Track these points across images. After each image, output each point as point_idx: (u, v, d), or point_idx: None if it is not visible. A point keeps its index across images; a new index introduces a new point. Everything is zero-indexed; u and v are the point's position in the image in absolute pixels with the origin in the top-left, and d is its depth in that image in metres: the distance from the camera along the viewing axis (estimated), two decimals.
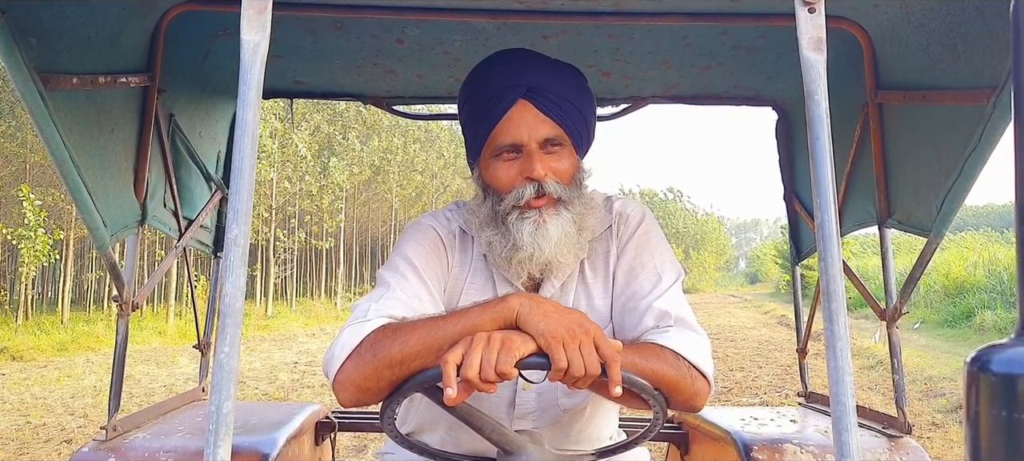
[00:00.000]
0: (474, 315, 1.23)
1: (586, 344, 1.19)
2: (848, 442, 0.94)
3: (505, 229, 1.46)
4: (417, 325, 1.26)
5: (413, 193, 30.19)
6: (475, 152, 1.53)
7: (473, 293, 1.55)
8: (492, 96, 1.46)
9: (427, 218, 1.61)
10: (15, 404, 8.31)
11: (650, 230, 1.59)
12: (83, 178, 1.55)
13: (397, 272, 1.48)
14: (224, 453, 0.90)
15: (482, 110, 1.47)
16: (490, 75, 1.49)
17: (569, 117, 1.46)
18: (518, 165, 1.45)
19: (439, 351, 1.20)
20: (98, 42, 1.62)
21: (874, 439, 1.97)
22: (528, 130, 1.44)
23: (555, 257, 1.46)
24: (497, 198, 1.48)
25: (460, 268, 1.57)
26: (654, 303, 1.46)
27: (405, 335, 1.24)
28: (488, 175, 1.50)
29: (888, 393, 8.17)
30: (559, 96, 1.45)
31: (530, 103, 1.43)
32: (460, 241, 1.59)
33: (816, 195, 1.01)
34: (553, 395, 1.55)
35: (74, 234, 18.33)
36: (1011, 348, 0.76)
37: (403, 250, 1.53)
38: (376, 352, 1.25)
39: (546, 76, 1.46)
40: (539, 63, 1.49)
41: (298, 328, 18.85)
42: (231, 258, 0.95)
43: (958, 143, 1.57)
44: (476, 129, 1.50)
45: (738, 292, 51.72)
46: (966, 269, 17.79)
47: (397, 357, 1.23)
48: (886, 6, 1.73)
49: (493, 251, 1.50)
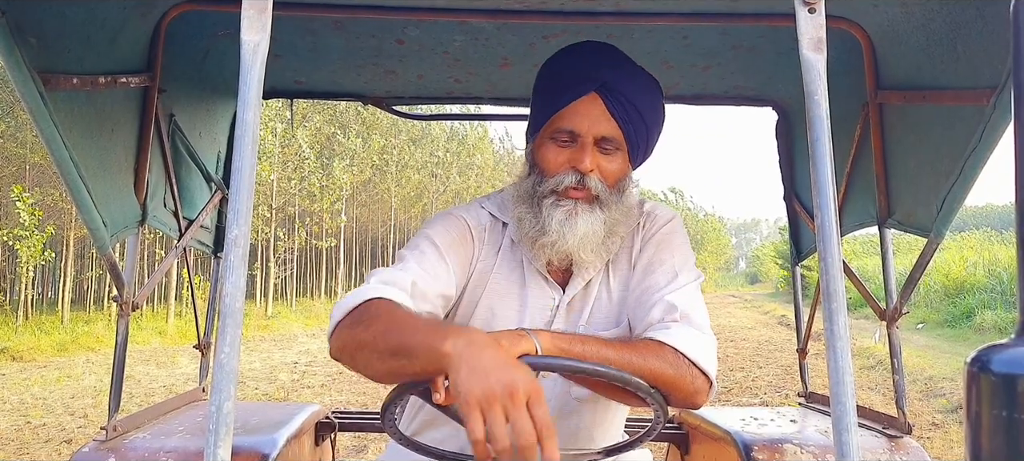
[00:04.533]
0: (410, 337, 1.18)
1: (515, 409, 1.04)
2: (848, 442, 0.94)
3: (537, 210, 1.48)
4: (384, 317, 1.26)
5: (413, 193, 30.19)
6: (535, 128, 1.54)
7: (500, 281, 1.56)
8: (567, 80, 1.47)
9: (458, 208, 1.61)
10: (15, 404, 8.31)
11: (675, 230, 1.60)
12: (83, 178, 1.55)
13: (417, 249, 1.49)
14: (224, 453, 0.90)
15: (553, 91, 1.49)
16: (571, 60, 1.51)
17: (632, 123, 1.47)
18: (569, 153, 1.47)
19: (385, 354, 1.20)
20: (98, 42, 1.62)
21: (874, 439, 1.97)
22: (589, 122, 1.45)
23: (576, 251, 1.47)
24: (540, 178, 1.50)
25: (488, 258, 1.58)
26: (666, 297, 1.46)
27: (375, 323, 1.25)
28: (539, 154, 1.51)
29: (888, 393, 8.17)
30: (629, 100, 1.45)
31: (600, 98, 1.44)
32: (490, 232, 1.59)
33: (816, 195, 1.01)
34: (565, 387, 1.55)
35: (74, 234, 18.32)
36: (1011, 348, 0.77)
37: (426, 231, 1.54)
38: (354, 328, 1.28)
39: (623, 78, 1.47)
40: (620, 63, 1.50)
41: (298, 328, 18.85)
42: (231, 258, 0.95)
43: (958, 143, 1.57)
44: (543, 107, 1.51)
45: (738, 292, 51.76)
46: (966, 269, 17.79)
47: (366, 339, 1.25)
48: (886, 6, 1.73)
49: (521, 227, 1.51)
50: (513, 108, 2.64)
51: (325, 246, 24.85)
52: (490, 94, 2.54)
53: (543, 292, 1.55)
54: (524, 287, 1.56)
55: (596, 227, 1.47)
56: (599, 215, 1.47)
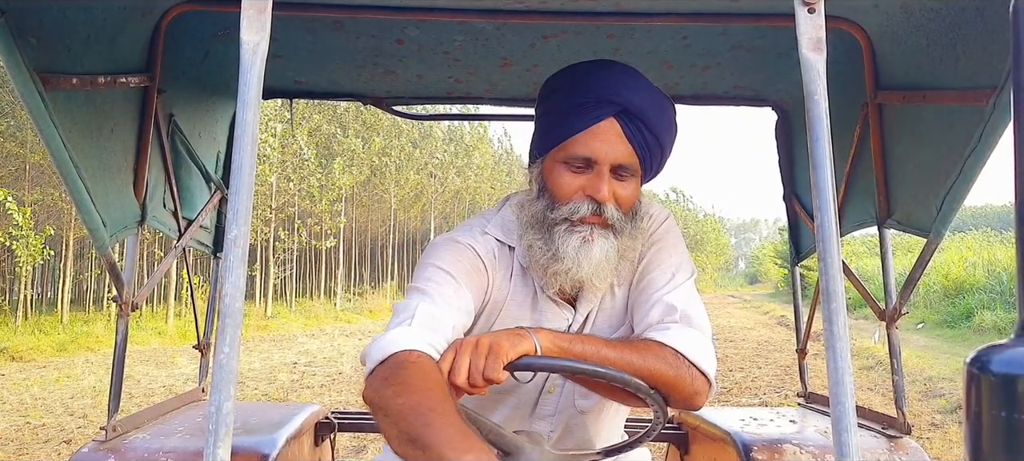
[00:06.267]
0: (433, 435, 1.09)
1: None
2: (848, 442, 0.94)
3: (550, 237, 1.42)
4: (415, 390, 1.16)
5: (412, 193, 30.18)
6: (544, 147, 1.47)
7: (513, 309, 1.52)
8: (584, 102, 1.40)
9: (462, 235, 1.51)
10: (14, 404, 8.31)
11: (670, 230, 1.59)
12: (83, 178, 1.55)
13: (433, 281, 1.40)
14: (224, 453, 0.90)
15: (568, 112, 1.42)
16: (589, 80, 1.43)
17: (649, 148, 1.43)
18: (584, 179, 1.41)
19: (404, 439, 1.12)
20: (98, 42, 1.62)
21: (874, 439, 1.97)
22: (607, 150, 1.39)
23: (590, 279, 1.43)
24: (551, 203, 1.44)
25: (502, 287, 1.52)
26: (664, 297, 1.45)
27: (405, 394, 1.16)
28: (551, 178, 1.44)
29: (888, 393, 8.16)
30: (648, 127, 1.41)
31: (619, 124, 1.39)
32: (499, 259, 1.52)
33: (816, 195, 1.01)
34: (570, 398, 1.56)
35: (73, 234, 18.31)
36: (1011, 348, 0.77)
37: (435, 262, 1.44)
38: (384, 388, 1.20)
39: (642, 102, 1.41)
40: (640, 87, 1.43)
41: (298, 328, 18.84)
42: (231, 258, 0.95)
43: (958, 143, 1.57)
44: (554, 127, 1.44)
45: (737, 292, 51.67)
46: (965, 269, 17.79)
47: (392, 410, 1.16)
48: (886, 6, 1.73)
49: (532, 253, 1.46)
50: (513, 108, 2.64)
51: (325, 247, 24.84)
52: (490, 94, 2.54)
53: (556, 315, 1.53)
54: (536, 311, 1.53)
55: (610, 253, 1.43)
56: (613, 241, 1.43)
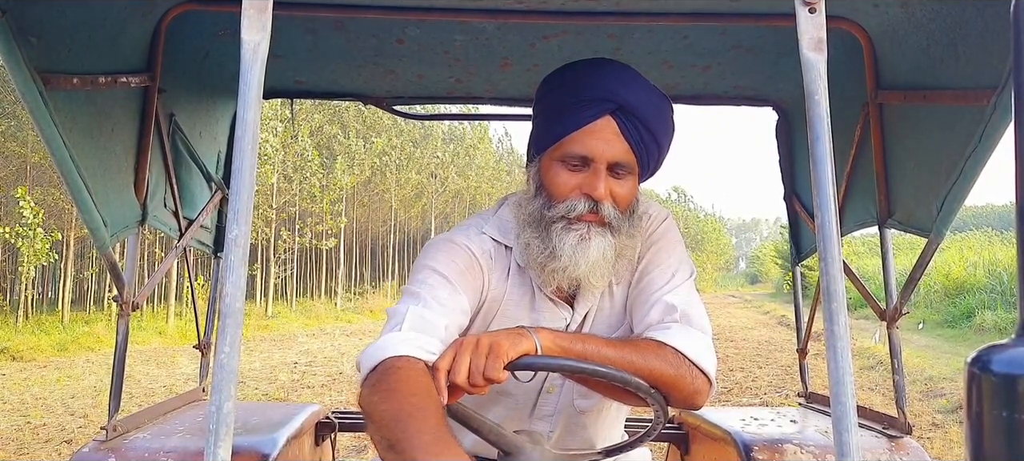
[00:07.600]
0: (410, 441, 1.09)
1: None
2: (848, 442, 0.94)
3: (547, 235, 1.42)
4: (399, 397, 1.17)
5: (413, 193, 30.18)
6: (541, 146, 1.47)
7: (511, 308, 1.52)
8: (580, 100, 1.41)
9: (458, 235, 1.52)
10: (15, 404, 8.31)
11: (669, 229, 1.58)
12: (83, 178, 1.55)
13: (427, 284, 1.41)
14: (224, 453, 0.90)
15: (564, 110, 1.42)
16: (585, 79, 1.43)
17: (646, 146, 1.42)
18: (581, 178, 1.41)
19: (384, 444, 1.12)
20: (98, 42, 1.62)
21: (874, 439, 1.97)
22: (603, 148, 1.39)
23: (586, 277, 1.42)
24: (548, 202, 1.44)
25: (498, 286, 1.52)
26: (664, 297, 1.45)
27: (389, 399, 1.16)
28: (548, 177, 1.45)
29: (888, 393, 8.17)
30: (645, 124, 1.40)
31: (615, 122, 1.39)
32: (495, 259, 1.52)
33: (816, 195, 1.01)
34: (569, 398, 1.56)
35: (74, 234, 18.32)
36: (1011, 348, 0.77)
37: (429, 263, 1.45)
38: (372, 393, 1.20)
39: (639, 100, 1.41)
40: (636, 85, 1.43)
41: (298, 328, 18.84)
42: (231, 258, 0.95)
43: (958, 143, 1.57)
44: (551, 126, 1.44)
45: (738, 292, 51.67)
46: (966, 269, 17.78)
47: (376, 416, 1.17)
48: (886, 6, 1.73)
49: (529, 252, 1.46)
50: (513, 108, 2.64)
51: (325, 246, 24.85)
52: (490, 94, 2.54)
53: (554, 314, 1.53)
54: (534, 310, 1.52)
55: (607, 252, 1.42)
56: (611, 239, 1.42)
